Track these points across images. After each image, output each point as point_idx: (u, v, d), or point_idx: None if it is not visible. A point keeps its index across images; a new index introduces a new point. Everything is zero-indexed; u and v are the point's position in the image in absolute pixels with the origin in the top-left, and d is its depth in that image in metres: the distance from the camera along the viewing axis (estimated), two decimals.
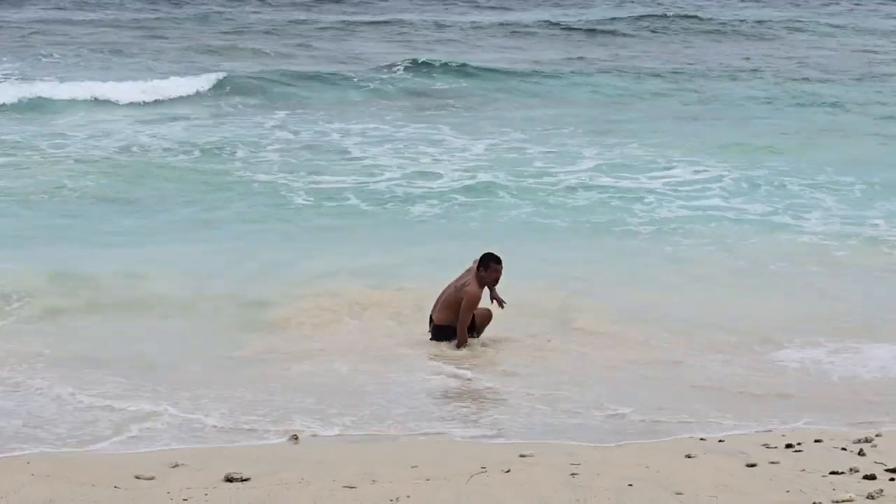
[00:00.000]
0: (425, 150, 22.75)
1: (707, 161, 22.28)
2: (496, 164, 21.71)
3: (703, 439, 8.80)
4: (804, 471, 7.84)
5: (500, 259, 12.49)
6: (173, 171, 20.22)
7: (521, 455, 8.20)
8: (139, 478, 7.73)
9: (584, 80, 31.90)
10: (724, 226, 17.83)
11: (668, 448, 8.47)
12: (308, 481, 7.60)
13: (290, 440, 9.03)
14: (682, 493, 7.37)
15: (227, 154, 21.72)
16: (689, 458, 8.20)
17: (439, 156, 22.30)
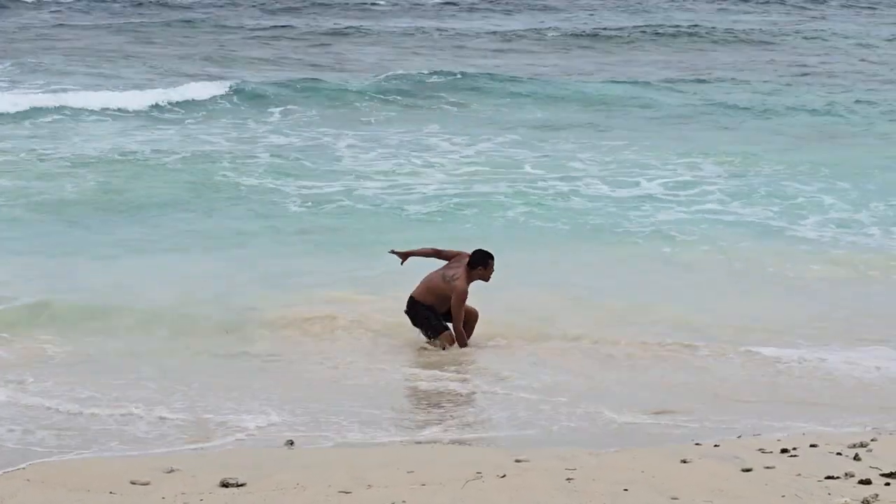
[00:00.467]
0: (419, 155, 22.82)
1: (703, 165, 22.36)
2: (491, 168, 21.78)
3: (698, 444, 8.79)
4: (799, 475, 7.84)
5: (493, 255, 12.52)
6: (172, 179, 20.24)
7: (517, 460, 8.20)
8: (134, 483, 7.72)
9: (579, 86, 31.89)
10: (721, 229, 17.86)
11: (664, 453, 8.47)
12: (303, 486, 7.60)
13: (286, 445, 9.02)
14: (677, 498, 7.37)
15: (227, 161, 21.74)
16: (685, 463, 8.20)
17: (433, 160, 22.37)
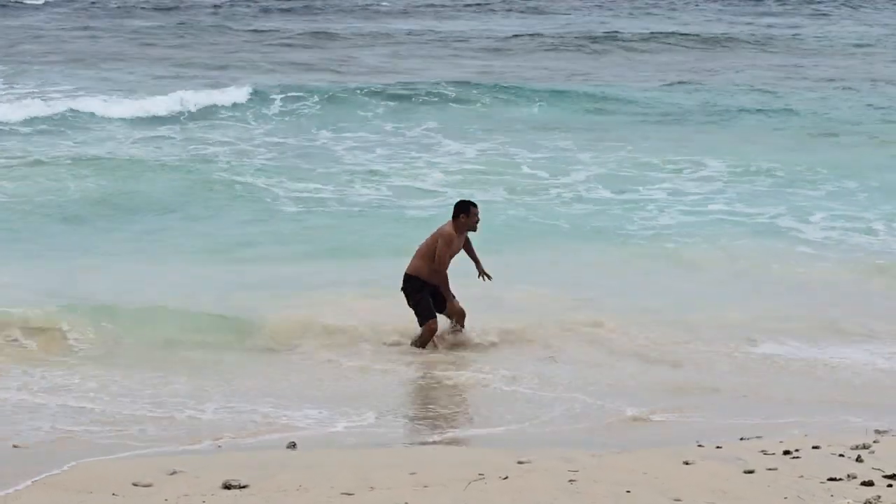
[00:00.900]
0: (418, 156, 22.87)
1: (707, 166, 22.40)
2: (488, 168, 21.87)
3: (700, 445, 8.79)
4: (802, 477, 7.84)
5: (475, 203, 12.55)
6: (182, 182, 20.31)
7: (520, 461, 8.19)
8: (137, 485, 7.72)
9: (579, 87, 31.85)
10: (725, 229, 17.93)
11: (666, 454, 8.47)
12: (306, 488, 7.59)
13: (289, 447, 9.02)
14: (679, 500, 7.37)
15: (236, 163, 21.83)
16: (687, 464, 8.20)
17: (433, 162, 22.41)
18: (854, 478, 7.81)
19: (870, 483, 7.69)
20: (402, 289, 12.52)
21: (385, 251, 15.66)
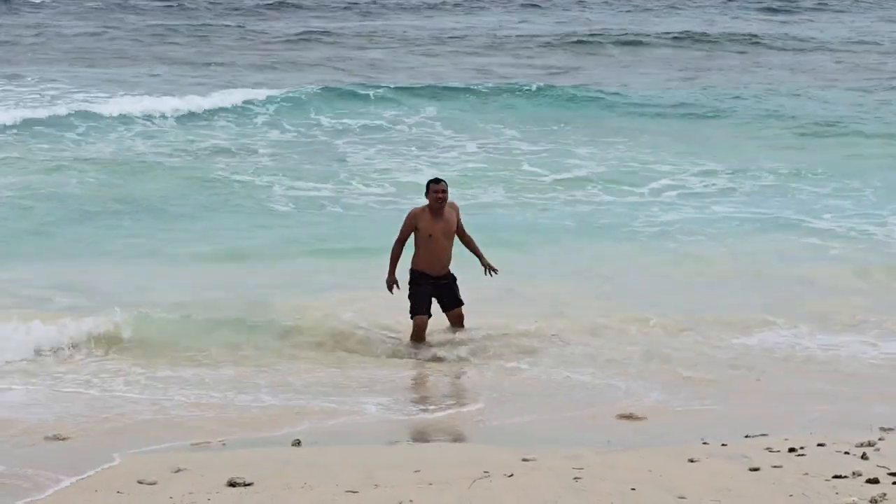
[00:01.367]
0: (420, 154, 22.91)
1: (708, 164, 22.41)
2: (489, 165, 21.90)
3: (706, 443, 8.79)
4: (807, 475, 7.84)
5: (438, 179, 12.37)
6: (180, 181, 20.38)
7: (524, 459, 8.19)
8: (142, 482, 7.73)
9: (580, 85, 31.74)
10: (730, 226, 17.97)
11: (671, 452, 8.46)
12: (311, 486, 7.60)
13: (293, 444, 9.02)
14: (684, 497, 7.36)
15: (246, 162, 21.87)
16: (692, 462, 8.19)
17: (434, 159, 22.44)
18: (859, 475, 7.80)
19: (875, 480, 7.68)
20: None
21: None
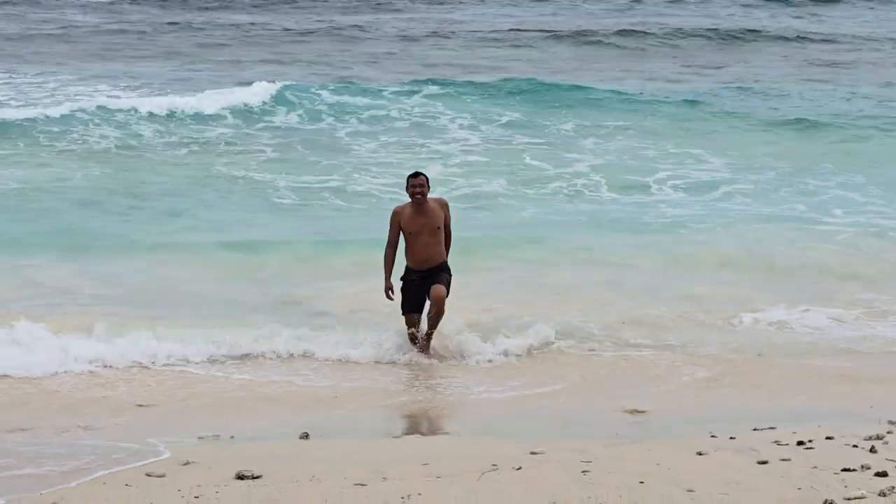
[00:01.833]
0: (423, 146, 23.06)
1: (713, 160, 22.44)
2: (491, 159, 21.98)
3: (714, 436, 8.78)
4: (815, 468, 7.82)
5: (417, 173, 12.06)
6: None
7: (533, 452, 8.19)
8: (150, 475, 7.73)
9: (581, 82, 31.62)
10: (736, 221, 18.01)
11: (680, 445, 8.46)
12: (319, 479, 7.59)
13: (301, 437, 9.04)
14: (693, 490, 7.35)
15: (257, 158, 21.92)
16: (701, 455, 8.19)
17: (439, 156, 22.48)
18: (868, 468, 7.79)
19: (884, 474, 7.67)
20: None
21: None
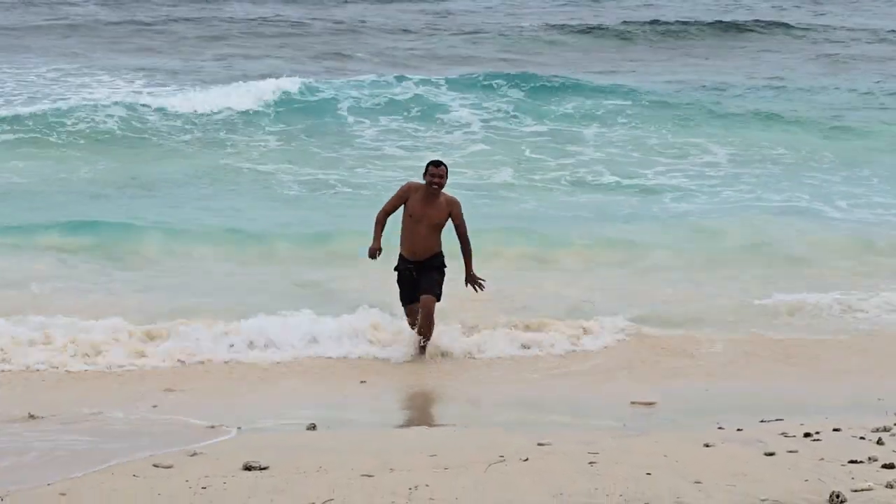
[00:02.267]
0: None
1: (715, 155, 22.48)
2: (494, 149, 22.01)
3: (721, 428, 8.79)
4: (822, 460, 7.82)
5: (439, 162, 11.86)
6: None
7: (540, 444, 8.19)
8: (157, 466, 7.74)
9: (582, 78, 31.52)
10: (745, 211, 18.08)
11: (687, 437, 8.46)
12: (326, 469, 7.60)
13: (308, 428, 9.05)
14: (700, 482, 7.35)
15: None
16: (708, 447, 8.19)
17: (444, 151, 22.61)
18: (875, 460, 7.78)
19: (891, 466, 7.66)
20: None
21: None
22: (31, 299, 12.93)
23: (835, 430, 8.65)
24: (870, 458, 7.81)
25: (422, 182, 11.88)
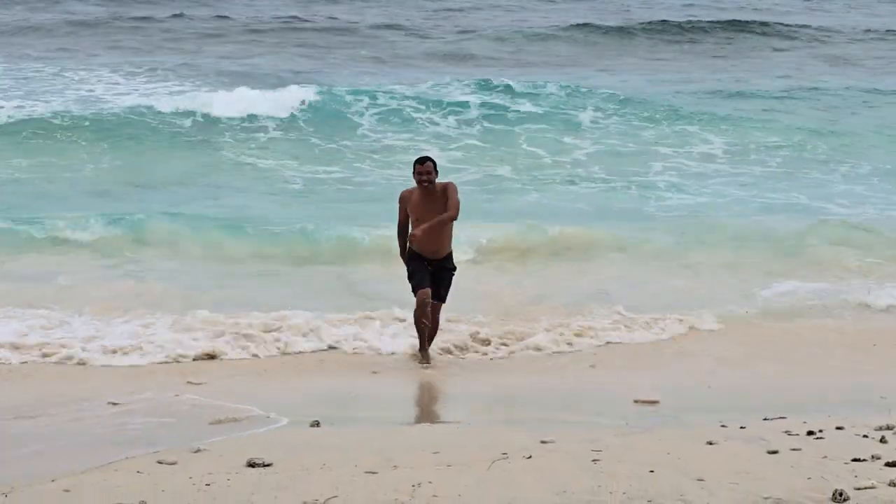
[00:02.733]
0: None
1: (709, 141, 22.54)
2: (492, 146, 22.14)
3: (724, 426, 8.79)
4: (826, 458, 7.82)
5: (424, 158, 11.82)
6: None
7: (543, 441, 8.20)
8: (161, 462, 7.75)
9: (582, 77, 31.54)
10: (745, 210, 18.09)
11: (690, 435, 8.46)
12: (329, 467, 7.61)
13: (312, 425, 9.05)
14: (703, 479, 7.35)
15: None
16: (711, 444, 8.19)
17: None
18: (878, 458, 7.78)
19: (894, 464, 7.65)
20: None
21: None
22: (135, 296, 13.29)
23: (838, 428, 8.65)
24: (873, 457, 7.81)
25: (413, 185, 11.90)
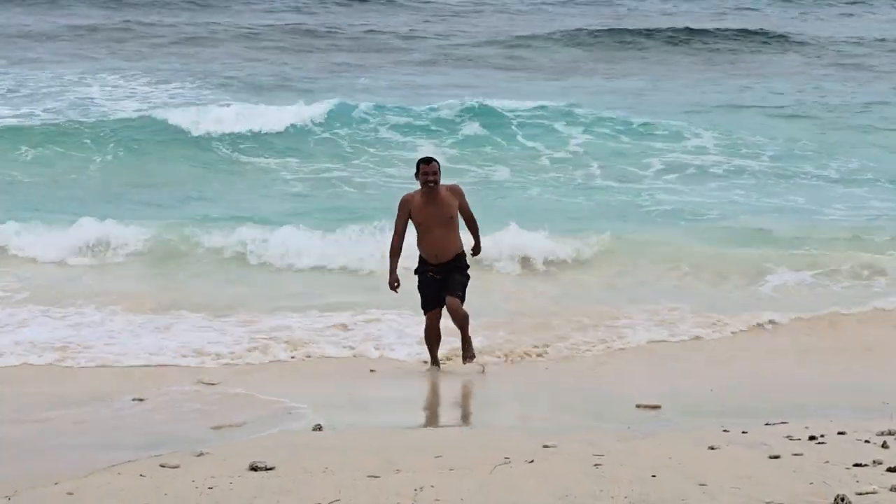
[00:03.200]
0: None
1: (713, 149, 22.58)
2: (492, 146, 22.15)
3: (726, 430, 8.79)
4: (827, 463, 7.82)
5: (430, 158, 11.43)
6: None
7: (545, 445, 8.20)
8: (164, 466, 7.76)
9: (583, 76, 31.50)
10: (742, 209, 18.14)
11: (692, 439, 8.46)
12: (332, 470, 7.62)
13: (314, 429, 9.06)
14: (705, 484, 7.36)
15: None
16: (713, 449, 8.19)
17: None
18: (880, 464, 7.78)
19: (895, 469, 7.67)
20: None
21: None
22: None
23: (839, 433, 8.65)
24: (874, 462, 7.81)
25: (415, 189, 11.57)
